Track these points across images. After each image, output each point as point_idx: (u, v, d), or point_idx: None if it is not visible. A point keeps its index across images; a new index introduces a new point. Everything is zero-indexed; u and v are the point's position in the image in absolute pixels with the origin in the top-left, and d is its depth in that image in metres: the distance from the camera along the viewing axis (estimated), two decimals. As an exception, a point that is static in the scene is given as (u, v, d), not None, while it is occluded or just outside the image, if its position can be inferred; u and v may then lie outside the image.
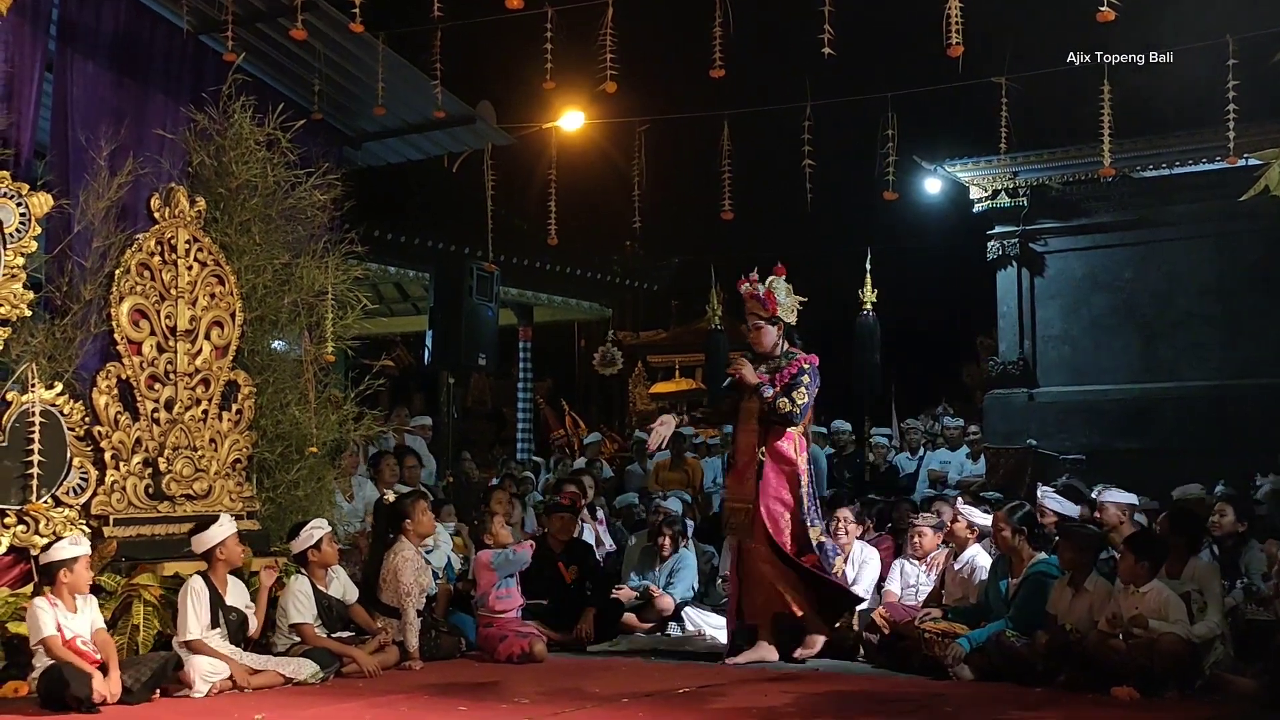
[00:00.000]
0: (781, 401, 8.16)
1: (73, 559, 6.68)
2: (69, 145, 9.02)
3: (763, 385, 8.23)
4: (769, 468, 8.18)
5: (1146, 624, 6.83)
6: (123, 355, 7.91)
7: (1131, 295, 13.87)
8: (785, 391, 8.17)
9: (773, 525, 8.13)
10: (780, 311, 8.43)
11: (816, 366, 8.36)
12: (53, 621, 6.51)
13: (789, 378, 8.23)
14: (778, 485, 8.18)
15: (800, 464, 8.24)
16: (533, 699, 6.74)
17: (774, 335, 8.45)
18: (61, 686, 6.26)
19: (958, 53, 7.64)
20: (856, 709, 6.63)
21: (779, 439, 8.23)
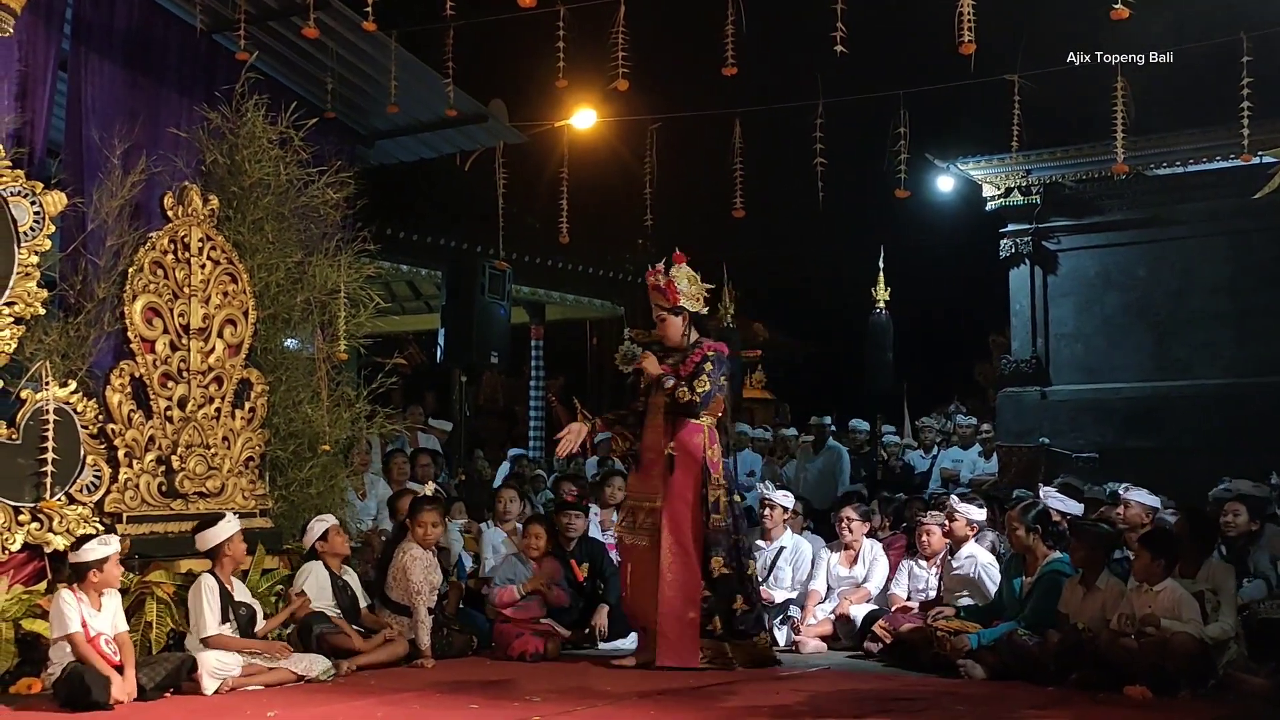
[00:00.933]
0: (681, 391, 7.84)
1: (104, 559, 6.71)
2: (83, 144, 9.05)
3: (665, 376, 7.93)
4: (677, 464, 7.85)
5: (1159, 623, 6.81)
6: (136, 353, 7.94)
7: (1144, 293, 13.84)
8: (687, 381, 7.86)
9: (673, 526, 7.79)
10: (683, 301, 8.07)
11: (724, 355, 8.08)
12: (78, 617, 6.53)
13: (691, 367, 7.92)
14: (683, 484, 7.84)
15: (710, 458, 7.89)
16: (544, 697, 6.75)
17: (679, 325, 8.09)
18: (83, 692, 6.28)
19: (970, 50, 7.63)
20: (867, 708, 6.63)
21: (687, 433, 7.90)
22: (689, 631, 7.69)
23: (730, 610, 7.80)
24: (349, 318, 9.18)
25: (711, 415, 7.97)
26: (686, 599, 7.70)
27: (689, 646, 7.67)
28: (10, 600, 6.88)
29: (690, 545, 7.78)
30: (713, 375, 7.89)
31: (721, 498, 7.88)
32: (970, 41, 7.53)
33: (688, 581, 7.74)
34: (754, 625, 7.93)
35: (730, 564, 7.85)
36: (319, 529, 8.01)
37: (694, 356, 7.96)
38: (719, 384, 7.94)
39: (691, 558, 7.77)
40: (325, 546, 7.94)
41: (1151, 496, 8.66)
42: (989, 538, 8.98)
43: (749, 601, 7.90)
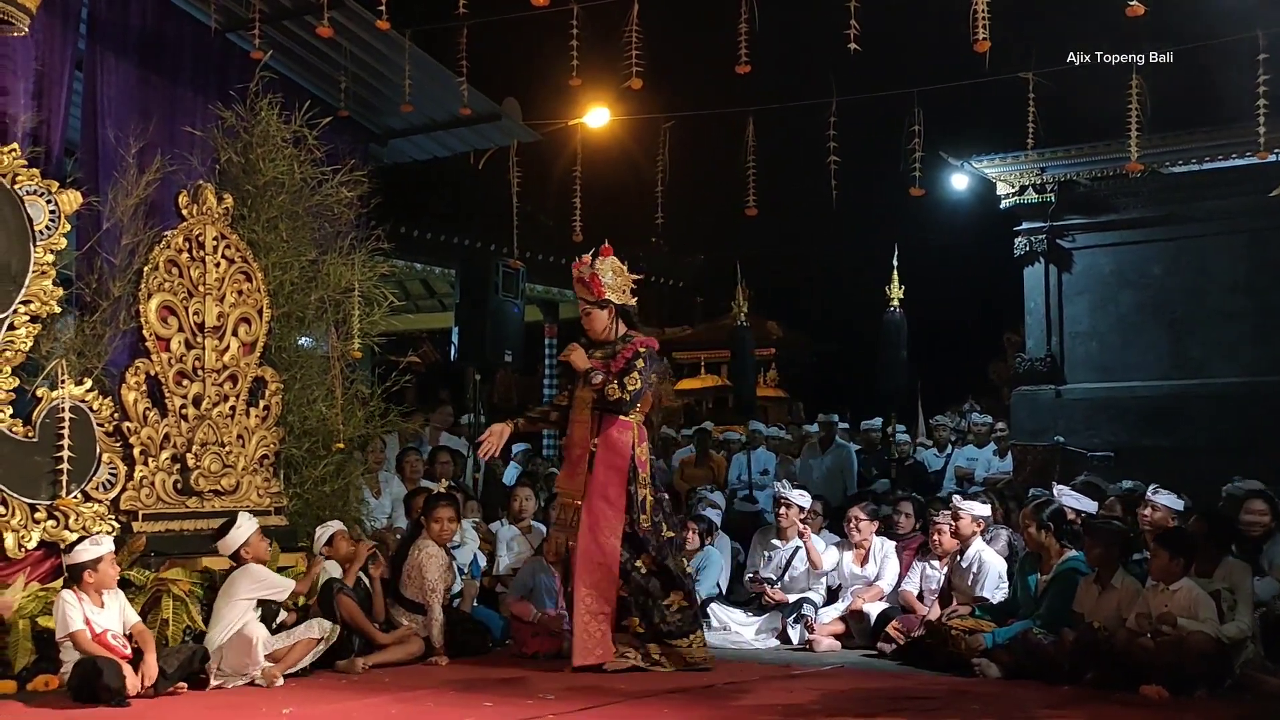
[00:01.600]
0: (611, 387, 7.66)
1: (96, 559, 6.73)
2: (98, 143, 9.09)
3: (593, 371, 7.76)
4: (599, 461, 7.66)
5: (1175, 622, 6.79)
6: (151, 351, 7.96)
7: (1160, 292, 13.77)
8: (617, 377, 7.68)
9: (592, 523, 7.60)
10: (608, 294, 7.91)
11: (655, 351, 7.93)
12: (80, 616, 6.56)
13: (623, 363, 7.73)
14: (605, 481, 7.63)
15: (639, 456, 7.69)
16: (558, 695, 6.75)
17: (604, 319, 7.92)
18: (94, 676, 6.31)
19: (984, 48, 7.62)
20: (881, 706, 6.61)
21: (613, 429, 7.71)
22: (602, 628, 7.50)
23: (659, 609, 7.58)
24: (363, 316, 9.20)
25: (640, 412, 7.81)
26: (601, 597, 7.52)
27: (602, 644, 7.48)
28: (27, 597, 6.90)
29: (609, 544, 7.57)
30: (644, 372, 7.73)
31: (649, 496, 7.70)
32: (985, 39, 7.52)
33: (602, 580, 7.54)
34: (687, 625, 7.67)
35: (659, 562, 7.63)
36: (322, 537, 8.05)
37: (625, 352, 7.78)
38: (649, 382, 7.78)
39: (609, 557, 7.56)
40: (330, 552, 7.95)
41: (1177, 500, 8.62)
42: (1003, 537, 8.96)
43: (686, 599, 7.68)
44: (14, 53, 8.41)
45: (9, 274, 7.30)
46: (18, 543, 7.18)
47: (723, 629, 9.23)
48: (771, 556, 9.57)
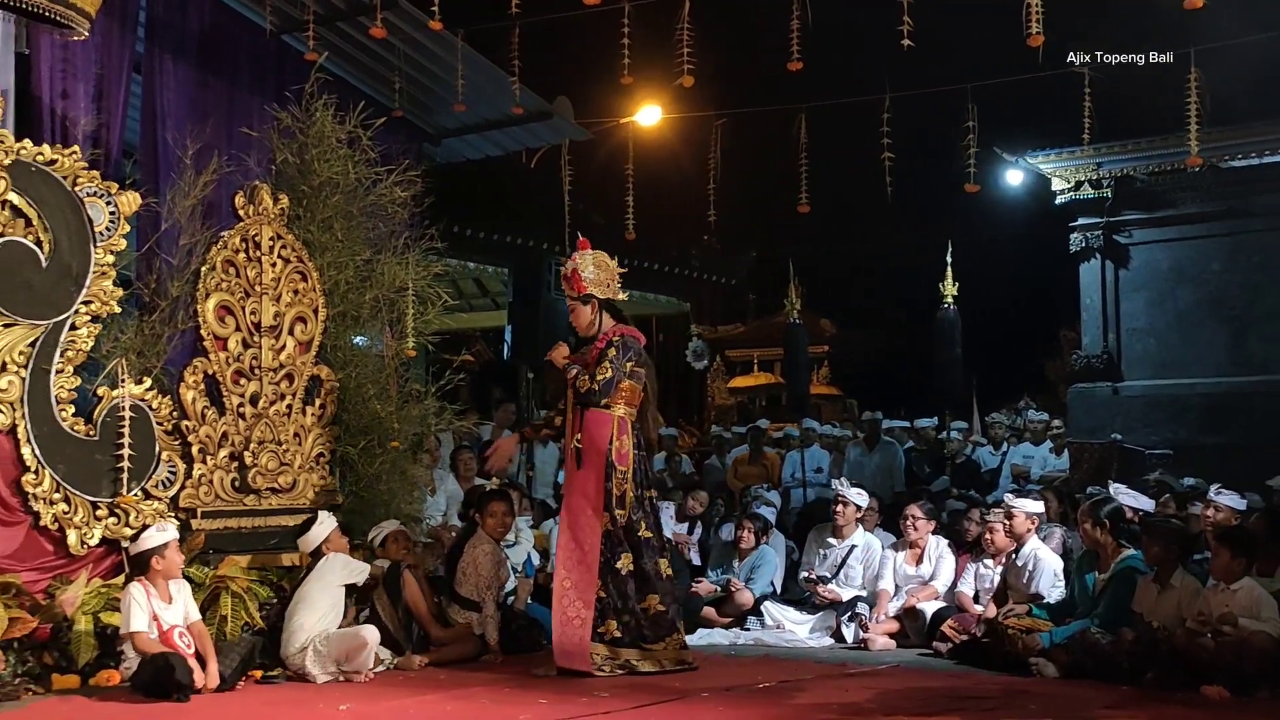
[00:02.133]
0: (581, 379, 7.48)
1: (163, 545, 6.80)
2: (157, 145, 9.21)
3: (569, 366, 7.61)
4: (583, 458, 7.44)
5: (1237, 622, 6.70)
6: (209, 351, 8.04)
7: (1219, 287, 13.63)
8: (589, 369, 7.51)
9: (571, 520, 7.43)
10: (590, 288, 7.71)
11: (631, 340, 7.63)
12: (147, 613, 6.61)
13: (595, 354, 7.56)
14: (585, 479, 7.41)
15: (617, 450, 7.41)
16: (612, 692, 6.75)
17: (588, 314, 7.72)
18: (167, 672, 6.36)
19: (1038, 42, 7.56)
20: (938, 706, 6.56)
21: (594, 425, 7.46)
22: (580, 633, 7.28)
23: (634, 612, 7.37)
24: (417, 315, 9.24)
25: (627, 406, 7.55)
26: (579, 599, 7.31)
27: (580, 649, 7.27)
28: (90, 594, 6.99)
29: (588, 541, 7.37)
30: (615, 362, 7.48)
31: (629, 493, 7.41)
32: (1039, 33, 7.46)
33: (581, 580, 7.34)
34: (664, 629, 7.44)
35: (639, 562, 7.42)
36: (378, 535, 8.14)
37: (599, 344, 7.60)
38: (623, 370, 7.51)
39: (587, 556, 7.35)
40: (382, 553, 8.02)
41: (1239, 499, 8.51)
42: (1057, 535, 8.89)
43: (664, 602, 7.43)
44: (74, 56, 8.54)
45: (70, 275, 7.40)
46: (80, 540, 7.28)
47: (776, 627, 9.22)
48: (826, 555, 9.54)
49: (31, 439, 7.17)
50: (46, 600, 6.89)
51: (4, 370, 7.11)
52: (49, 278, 7.31)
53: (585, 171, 12.61)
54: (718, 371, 24.30)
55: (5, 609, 6.57)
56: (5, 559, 7.01)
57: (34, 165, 7.29)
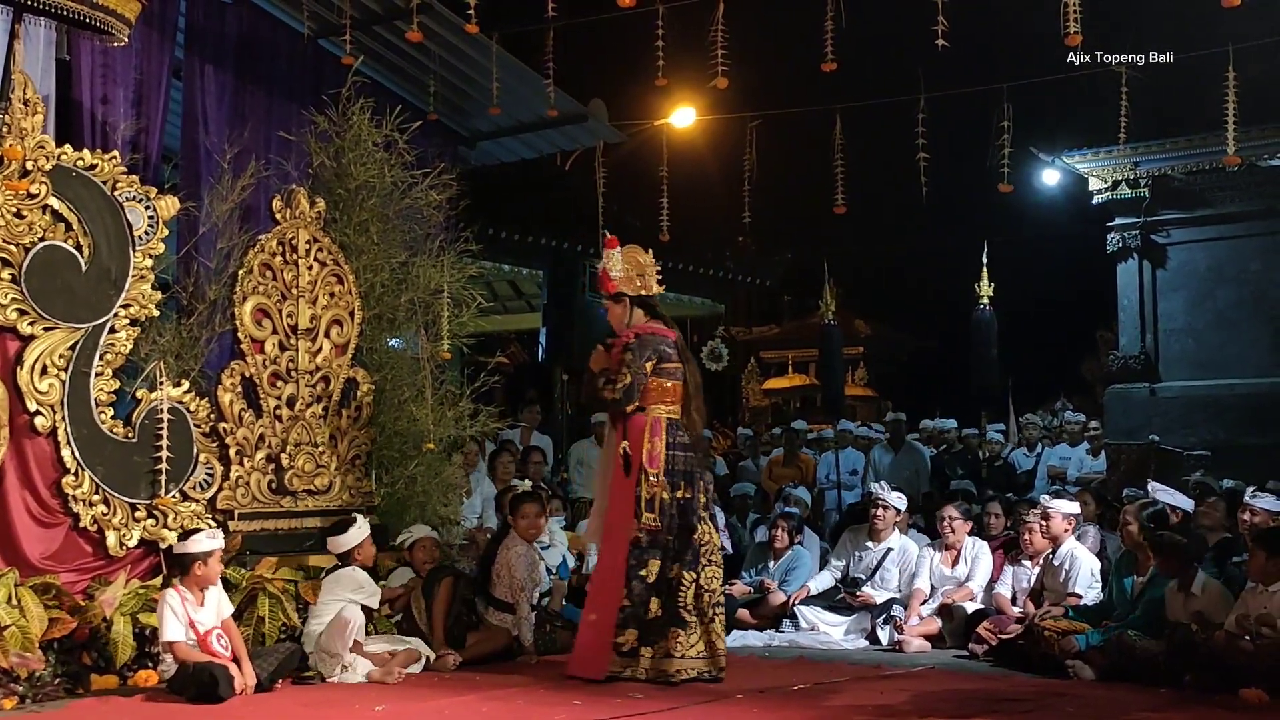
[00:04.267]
0: (606, 390, 7.32)
1: (209, 552, 6.85)
2: (196, 149, 9.28)
3: (601, 374, 7.44)
4: (631, 464, 7.24)
5: (1275, 624, 6.64)
6: (246, 353, 8.10)
7: (1259, 287, 13.49)
8: (612, 377, 7.31)
9: (609, 530, 7.34)
10: (620, 287, 7.51)
11: (649, 337, 7.35)
12: (184, 622, 6.63)
13: (618, 361, 7.32)
14: (626, 485, 7.22)
15: (650, 452, 7.19)
16: (647, 694, 6.76)
17: (620, 313, 7.52)
18: (211, 685, 6.39)
19: (1075, 42, 7.53)
20: (973, 708, 6.54)
21: (631, 429, 7.27)
22: (603, 639, 7.11)
23: (646, 619, 7.13)
24: (452, 317, 9.28)
25: (665, 405, 7.34)
26: (605, 605, 7.17)
27: (600, 657, 7.10)
28: (128, 595, 7.04)
29: (619, 548, 7.20)
30: (632, 365, 7.24)
31: (660, 495, 7.18)
32: (1076, 33, 7.42)
33: (609, 586, 7.20)
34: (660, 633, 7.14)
35: (664, 568, 7.19)
36: (407, 540, 8.17)
37: (616, 348, 7.39)
38: (642, 372, 7.26)
39: (618, 562, 7.19)
40: (410, 556, 8.05)
41: (1277, 501, 8.44)
42: (1091, 534, 8.84)
43: (664, 607, 7.15)
44: (114, 62, 8.62)
45: (110, 279, 7.47)
46: (119, 541, 7.35)
47: (811, 629, 9.20)
48: (862, 557, 9.52)
49: (71, 441, 7.24)
50: (85, 601, 6.95)
51: (44, 373, 7.18)
52: (88, 281, 7.38)
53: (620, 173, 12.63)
54: (752, 373, 24.27)
55: (45, 610, 6.64)
56: (45, 560, 7.09)
57: (74, 170, 7.37)
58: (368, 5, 9.96)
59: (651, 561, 7.18)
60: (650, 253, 7.72)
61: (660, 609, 7.14)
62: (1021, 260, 16.95)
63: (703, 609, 7.21)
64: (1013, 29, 13.36)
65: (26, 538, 7.06)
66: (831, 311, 13.72)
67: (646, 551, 7.17)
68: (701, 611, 7.21)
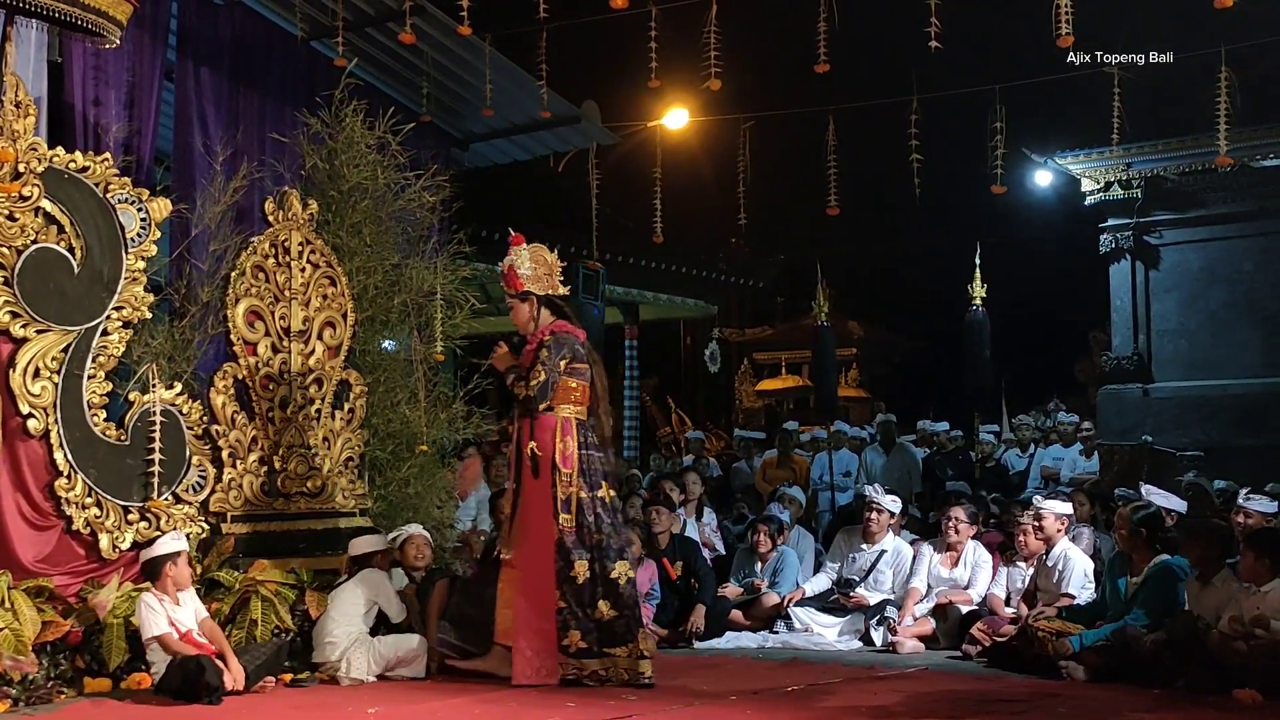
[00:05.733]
0: (519, 386, 7.15)
1: (175, 553, 6.88)
2: (188, 151, 9.27)
3: (510, 371, 7.29)
4: (540, 465, 7.12)
5: (1269, 625, 6.65)
6: (239, 356, 8.09)
7: (1252, 287, 13.52)
8: (525, 374, 7.18)
9: (525, 532, 7.14)
10: (527, 285, 7.35)
11: (566, 336, 7.26)
12: (164, 618, 6.69)
13: (530, 357, 7.21)
14: (538, 487, 7.11)
15: (561, 452, 7.11)
16: (640, 695, 6.75)
17: (526, 312, 7.40)
18: (197, 675, 6.41)
19: (1067, 43, 7.55)
20: (967, 709, 6.55)
21: (540, 429, 7.14)
22: (546, 646, 7.01)
23: (592, 620, 7.05)
24: (445, 319, 9.28)
25: (573, 405, 7.25)
26: (541, 611, 7.04)
27: (547, 663, 7.02)
28: (121, 597, 7.03)
29: (542, 553, 7.08)
30: (547, 363, 7.12)
31: (576, 495, 7.11)
32: (1068, 34, 7.44)
33: (541, 590, 7.06)
34: (617, 637, 7.07)
35: (594, 567, 7.09)
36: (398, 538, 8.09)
37: (530, 345, 7.28)
38: (557, 370, 7.14)
39: (545, 565, 7.07)
40: (400, 556, 7.96)
41: (1270, 503, 8.45)
42: (1086, 536, 8.85)
43: (616, 607, 7.08)
44: (106, 64, 8.61)
45: (102, 281, 7.45)
46: (112, 544, 7.34)
47: (804, 630, 9.20)
48: (855, 559, 9.52)
49: (64, 444, 7.23)
50: (79, 604, 6.95)
51: (37, 376, 7.17)
52: (81, 284, 7.37)
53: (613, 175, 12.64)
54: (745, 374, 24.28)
55: (38, 613, 6.63)
56: (38, 563, 7.08)
57: (66, 172, 7.36)
58: (360, 7, 9.96)
59: (579, 562, 7.07)
60: (555, 252, 7.67)
61: (614, 610, 7.06)
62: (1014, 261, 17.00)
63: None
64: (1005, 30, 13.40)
65: (19, 541, 7.05)
66: (824, 313, 13.73)
67: (573, 552, 7.07)
68: None
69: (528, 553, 7.15)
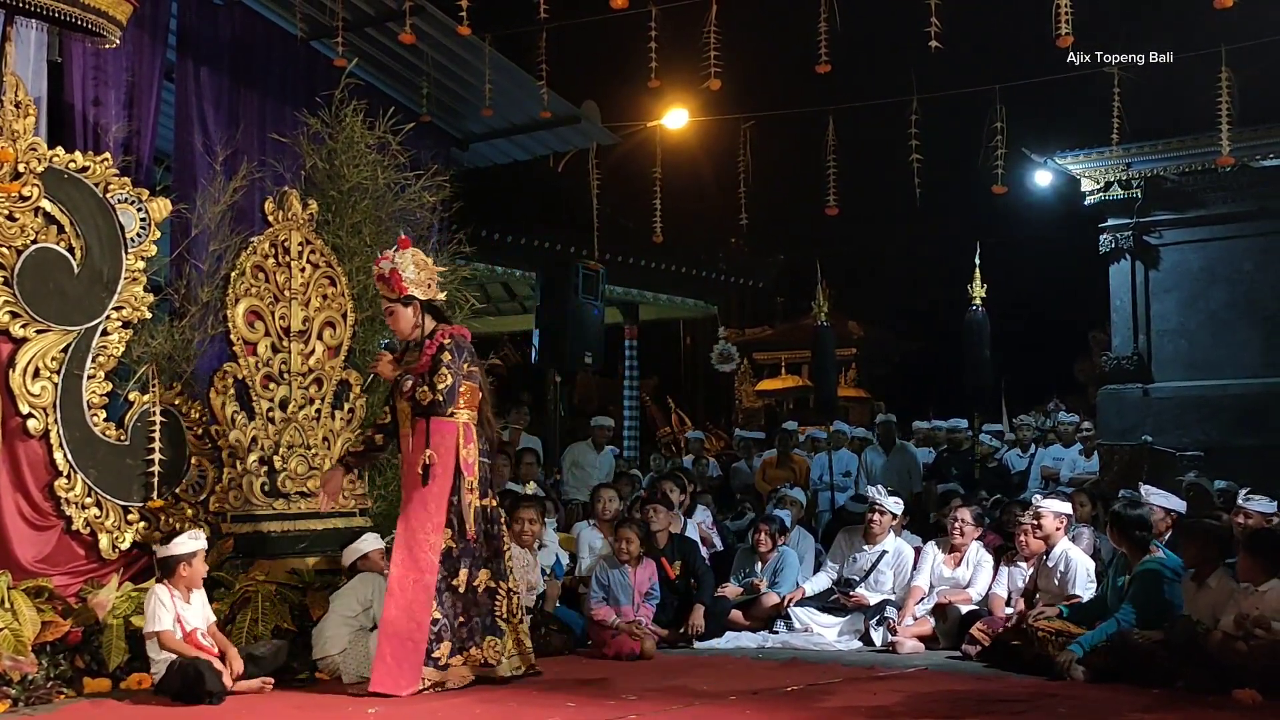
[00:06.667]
0: (422, 391, 6.98)
1: (192, 553, 6.87)
2: (188, 151, 9.27)
3: (402, 377, 7.12)
4: (433, 473, 6.98)
5: (1269, 625, 6.65)
6: (239, 356, 8.09)
7: (1252, 287, 13.50)
8: (426, 378, 7.00)
9: (409, 538, 6.93)
10: (412, 289, 7.16)
11: (463, 339, 7.17)
12: (172, 614, 6.70)
13: (429, 361, 7.03)
14: (429, 493, 6.96)
15: (464, 459, 7.04)
16: (640, 695, 6.76)
17: (409, 316, 7.20)
18: (197, 681, 6.42)
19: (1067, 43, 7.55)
20: (966, 709, 6.55)
21: (440, 435, 7.01)
22: (411, 656, 6.80)
23: (465, 628, 7.00)
24: (445, 319, 9.27)
25: (469, 410, 7.15)
26: (412, 619, 6.84)
27: (408, 672, 6.79)
28: (121, 598, 7.04)
29: (424, 563, 6.91)
30: (452, 366, 7.01)
31: (475, 503, 7.07)
32: (1068, 34, 7.44)
33: (416, 599, 6.87)
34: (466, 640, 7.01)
35: (472, 574, 7.05)
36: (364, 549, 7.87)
37: (429, 349, 7.08)
38: (460, 373, 7.06)
39: (424, 577, 6.89)
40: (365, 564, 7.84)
41: (1270, 503, 8.45)
42: (1086, 536, 8.85)
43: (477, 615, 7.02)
44: (106, 64, 8.61)
45: (102, 281, 7.46)
46: (112, 544, 7.35)
47: (804, 630, 9.19)
48: (856, 559, 9.51)
49: (64, 444, 7.24)
50: (78, 604, 6.96)
51: (37, 376, 7.18)
52: (81, 284, 7.38)
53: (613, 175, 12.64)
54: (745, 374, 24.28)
55: (38, 613, 6.64)
56: (38, 563, 7.09)
57: (66, 172, 7.36)
58: (360, 7, 9.96)
59: (462, 570, 7.00)
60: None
61: (471, 616, 7.02)
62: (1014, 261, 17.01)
63: (513, 614, 7.21)
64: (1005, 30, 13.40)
65: (19, 541, 7.07)
66: (824, 313, 13.74)
67: (458, 561, 7.00)
68: (512, 614, 7.21)
69: (405, 560, 6.93)
